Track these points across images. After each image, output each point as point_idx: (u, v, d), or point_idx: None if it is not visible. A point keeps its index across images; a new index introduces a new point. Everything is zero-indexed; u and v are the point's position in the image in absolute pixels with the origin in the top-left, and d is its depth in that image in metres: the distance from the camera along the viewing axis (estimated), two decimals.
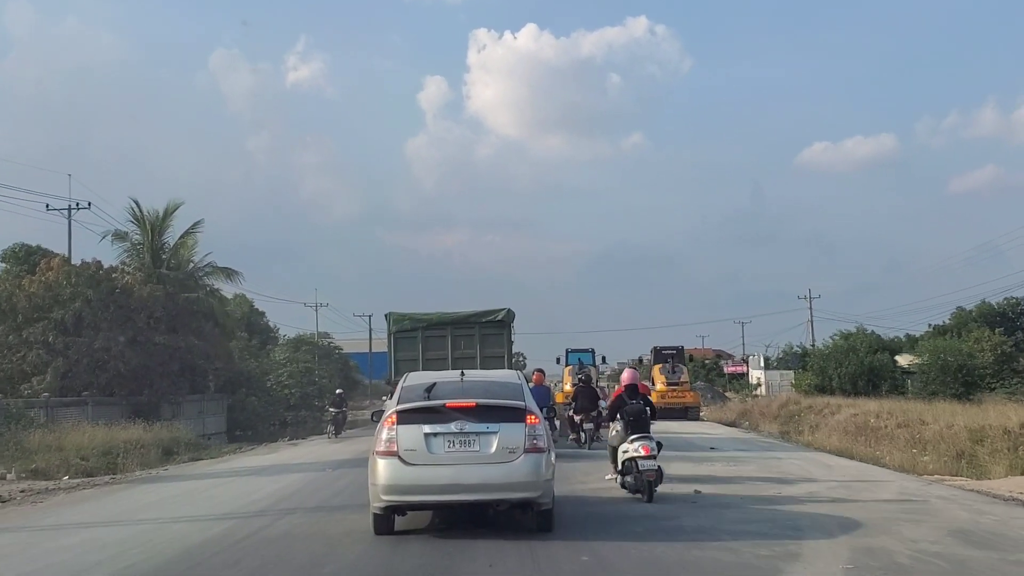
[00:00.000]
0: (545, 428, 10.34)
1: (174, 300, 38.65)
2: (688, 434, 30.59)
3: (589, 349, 40.14)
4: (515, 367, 47.71)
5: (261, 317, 65.43)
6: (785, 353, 67.26)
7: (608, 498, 13.56)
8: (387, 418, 9.95)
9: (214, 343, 40.94)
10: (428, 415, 9.84)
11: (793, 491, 14.41)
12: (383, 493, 9.72)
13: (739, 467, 18.11)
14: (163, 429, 32.27)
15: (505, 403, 10.09)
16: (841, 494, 14.09)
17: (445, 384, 10.65)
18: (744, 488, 14.85)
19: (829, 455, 22.80)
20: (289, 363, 53.39)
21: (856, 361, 50.95)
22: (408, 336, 21.36)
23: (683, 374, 43.43)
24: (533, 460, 9.72)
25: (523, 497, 9.78)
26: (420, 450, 9.63)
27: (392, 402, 10.58)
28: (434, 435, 9.69)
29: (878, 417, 31.77)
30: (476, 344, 21.08)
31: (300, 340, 67.51)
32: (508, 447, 9.67)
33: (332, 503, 13.94)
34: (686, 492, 14.12)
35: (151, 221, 40.94)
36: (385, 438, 9.77)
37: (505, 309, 21.79)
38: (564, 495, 12.69)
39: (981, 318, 71.95)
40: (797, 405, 43.25)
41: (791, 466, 18.39)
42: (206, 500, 15.40)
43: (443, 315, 22.11)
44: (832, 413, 38.39)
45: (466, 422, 9.72)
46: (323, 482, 17.21)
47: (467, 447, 9.69)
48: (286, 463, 22.04)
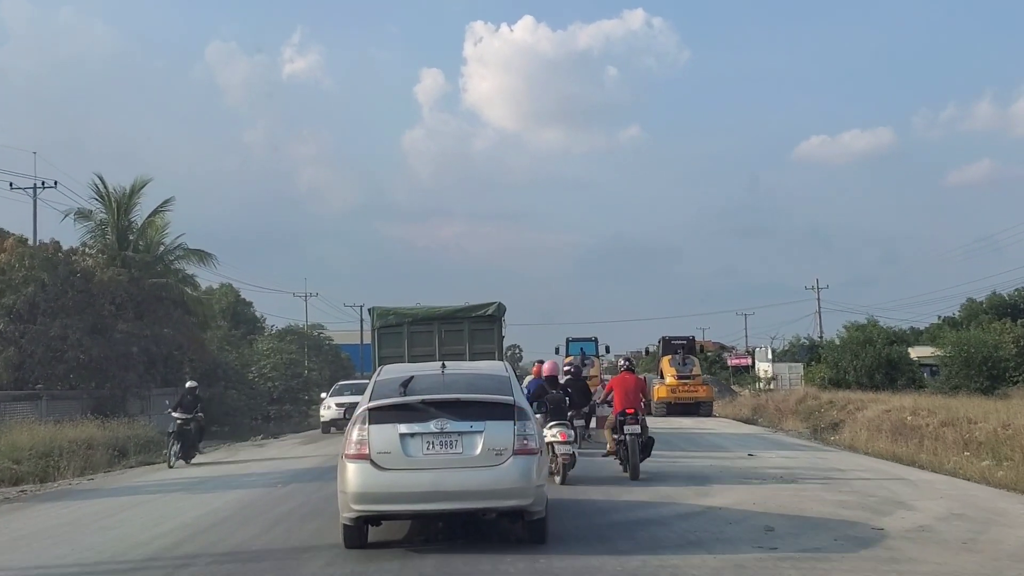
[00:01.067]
0: (537, 427, 8.87)
1: (139, 285, 34.23)
2: (709, 432, 26.48)
3: (592, 338, 35.97)
4: (511, 361, 42.84)
5: (248, 307, 61.03)
6: (792, 345, 63.10)
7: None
8: (357, 417, 8.60)
9: (185, 332, 36.51)
10: (404, 413, 8.49)
11: (899, 526, 10.16)
12: (353, 502, 8.39)
13: (800, 486, 13.83)
14: (123, 426, 28.28)
15: (491, 398, 8.73)
16: (964, 531, 9.85)
17: (424, 378, 9.19)
18: (826, 519, 10.68)
19: (885, 461, 18.65)
20: (273, 354, 48.92)
21: (873, 353, 46.93)
22: (393, 331, 19.71)
23: (695, 366, 39.18)
24: (523, 463, 8.41)
25: (512, 505, 8.51)
26: (395, 453, 8.35)
27: (364, 398, 9.04)
28: (411, 436, 8.40)
29: (915, 414, 27.86)
30: (465, 340, 19.43)
31: (288, 331, 63.21)
32: (495, 448, 8.38)
33: (254, 545, 9.77)
34: (755, 528, 9.89)
35: (117, 199, 36.50)
36: (355, 439, 8.44)
37: (495, 303, 20.01)
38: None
39: (992, 310, 68.27)
40: (817, 400, 38.99)
41: (865, 484, 14.10)
42: (93, 534, 11.17)
43: (430, 310, 20.42)
44: (857, 409, 34.27)
45: (447, 420, 8.41)
46: (263, 505, 13.00)
47: (448, 449, 8.40)
48: (234, 473, 17.91)
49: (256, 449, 24.12)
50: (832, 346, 49.90)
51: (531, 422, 8.73)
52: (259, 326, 60.36)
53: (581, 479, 14.07)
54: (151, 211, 37.39)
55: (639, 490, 13.25)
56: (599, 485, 13.68)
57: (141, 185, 36.87)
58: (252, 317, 60.76)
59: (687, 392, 37.90)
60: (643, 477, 14.34)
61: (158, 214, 37.17)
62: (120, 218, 36.53)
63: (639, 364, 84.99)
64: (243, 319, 58.72)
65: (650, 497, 12.49)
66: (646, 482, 14.07)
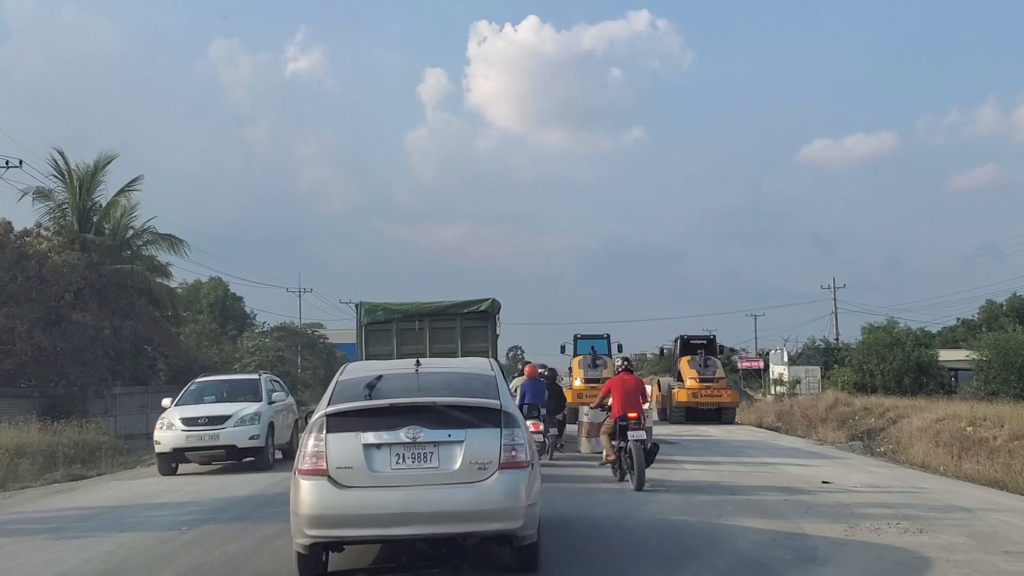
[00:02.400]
0: (528, 436, 7.12)
1: (99, 271, 29.58)
2: (742, 443, 21.86)
3: (604, 335, 31.26)
4: (513, 363, 37.59)
5: (238, 302, 56.38)
6: (807, 347, 58.39)
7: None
8: (313, 424, 6.90)
9: (153, 325, 31.91)
10: (370, 420, 6.85)
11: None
12: (308, 526, 6.70)
13: (934, 538, 9.18)
14: (72, 429, 23.87)
15: (473, 402, 7.05)
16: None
17: (394, 377, 7.57)
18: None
19: (989, 489, 14.17)
20: (258, 352, 44.25)
21: (901, 356, 42.36)
22: (382, 328, 18.04)
23: (718, 368, 34.55)
24: (511, 479, 6.76)
25: (498, 529, 6.84)
26: (358, 467, 6.70)
27: (322, 402, 7.20)
28: (377, 447, 6.77)
29: (974, 425, 23.44)
30: (457, 338, 17.78)
31: (281, 329, 58.64)
32: (477, 461, 6.75)
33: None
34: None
35: (79, 176, 31.89)
36: (310, 452, 6.78)
37: (490, 299, 18.18)
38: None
39: (1013, 312, 63.60)
40: (850, 406, 34.52)
41: (1010, 528, 9.46)
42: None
43: (420, 305, 18.62)
44: (899, 417, 29.74)
45: (421, 428, 6.78)
46: (134, 567, 8.23)
47: (422, 462, 6.77)
48: (139, 503, 13.21)
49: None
50: (856, 348, 45.19)
51: (520, 430, 7.07)
52: (249, 322, 55.65)
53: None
54: (120, 192, 32.68)
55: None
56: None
57: (106, 161, 32.31)
58: (242, 313, 56.09)
59: (710, 396, 33.33)
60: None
61: (124, 193, 32.54)
62: (82, 198, 31.90)
63: (652, 366, 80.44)
64: (232, 314, 54.14)
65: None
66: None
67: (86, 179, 31.99)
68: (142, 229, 33.33)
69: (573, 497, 11.89)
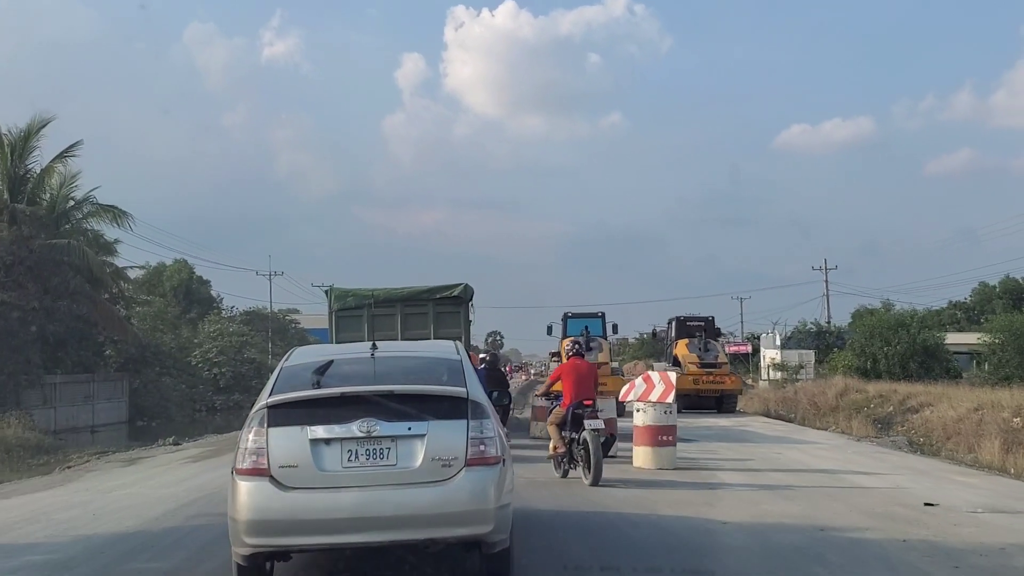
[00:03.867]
0: (498, 428, 6.12)
1: (29, 246, 25.37)
2: (776, 439, 17.98)
3: (598, 314, 27.13)
4: (492, 348, 33.10)
5: (204, 286, 51.98)
6: (798, 331, 54.75)
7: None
8: (253, 417, 5.88)
9: (93, 306, 27.73)
10: (317, 411, 5.83)
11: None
12: (247, 534, 5.66)
13: None
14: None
15: (436, 390, 6.07)
16: None
17: (346, 363, 6.54)
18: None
19: None
20: (220, 336, 40.01)
21: (907, 339, 38.71)
22: (353, 315, 17.13)
23: (719, 352, 30.97)
24: (479, 477, 5.79)
25: (465, 534, 5.84)
26: (304, 466, 5.71)
27: (264, 392, 6.17)
28: (326, 442, 5.78)
29: (1021, 416, 20.05)
30: (430, 323, 16.94)
31: (251, 313, 54.45)
32: (441, 458, 5.77)
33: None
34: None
35: (11, 141, 27.56)
36: (249, 449, 5.76)
37: (462, 284, 17.38)
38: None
39: (1007, 294, 60.54)
40: (862, 393, 30.82)
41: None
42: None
43: (391, 291, 17.63)
44: (922, 405, 26.17)
45: (376, 421, 5.78)
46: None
47: (378, 459, 5.78)
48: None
49: (119, 471, 15.21)
50: (859, 331, 41.57)
51: (490, 421, 5.94)
52: (215, 307, 51.33)
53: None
54: (57, 159, 28.32)
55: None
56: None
57: (40, 125, 28.01)
58: (208, 297, 51.76)
59: (711, 383, 29.81)
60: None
61: (62, 160, 28.21)
62: (13, 164, 27.58)
63: (634, 350, 76.62)
64: (197, 298, 49.79)
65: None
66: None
67: (18, 144, 27.68)
68: (83, 200, 28.97)
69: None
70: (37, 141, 28.02)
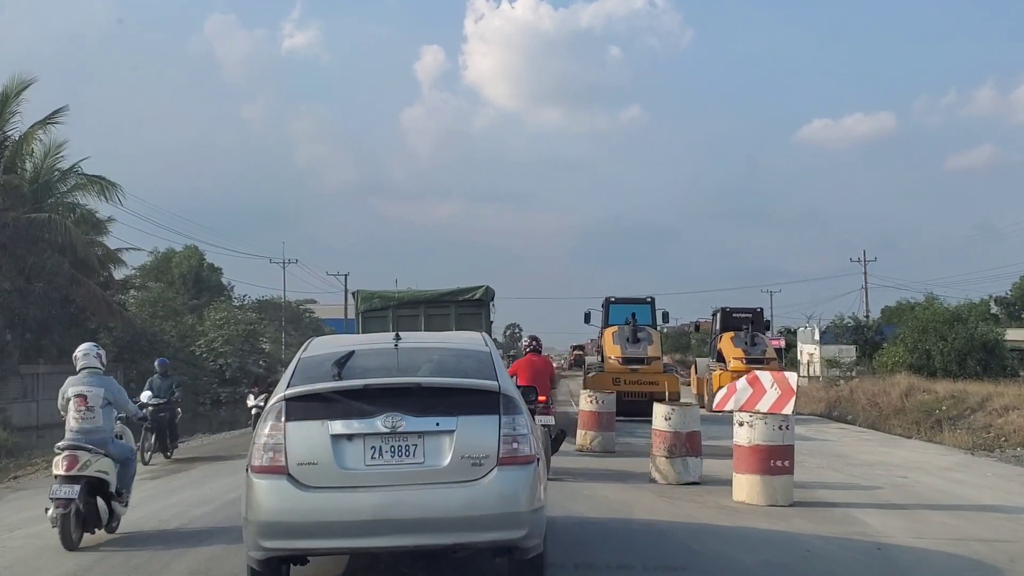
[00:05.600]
0: (532, 425, 5.64)
1: (1, 219, 21.86)
2: (882, 457, 14.20)
3: (646, 299, 23.27)
4: (510, 342, 31.92)
5: (215, 273, 48.47)
6: (835, 325, 50.76)
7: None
8: (270, 410, 5.37)
9: (77, 288, 24.20)
10: (339, 405, 5.28)
11: None
12: (263, 536, 5.19)
13: None
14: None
15: (466, 383, 5.53)
16: None
17: (369, 354, 6.01)
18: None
19: None
20: (227, 325, 36.50)
21: (964, 334, 34.76)
22: (378, 316, 16.98)
23: (767, 347, 27.20)
24: (512, 477, 5.25)
25: (496, 539, 5.28)
26: (325, 464, 5.20)
27: (281, 384, 5.63)
28: (348, 438, 5.25)
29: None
30: (452, 324, 16.35)
31: (264, 302, 51.01)
32: (471, 456, 5.23)
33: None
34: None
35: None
36: (266, 445, 5.25)
37: (483, 287, 17.15)
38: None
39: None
40: (929, 394, 26.79)
41: None
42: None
43: (415, 293, 18.20)
44: (1007, 409, 22.27)
45: (402, 416, 5.23)
46: None
47: (403, 457, 5.25)
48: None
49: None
50: (911, 325, 37.63)
51: (523, 417, 5.42)
52: (226, 295, 47.80)
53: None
54: (39, 125, 24.74)
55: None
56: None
57: (20, 88, 24.36)
58: (219, 284, 48.26)
59: None
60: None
61: (45, 126, 24.63)
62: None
63: (668, 341, 72.32)
64: (207, 286, 46.26)
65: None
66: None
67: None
68: (68, 171, 25.42)
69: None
70: (17, 105, 24.49)
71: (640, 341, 20.65)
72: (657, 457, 10.37)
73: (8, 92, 24.25)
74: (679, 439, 10.21)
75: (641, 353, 20.39)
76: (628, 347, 20.61)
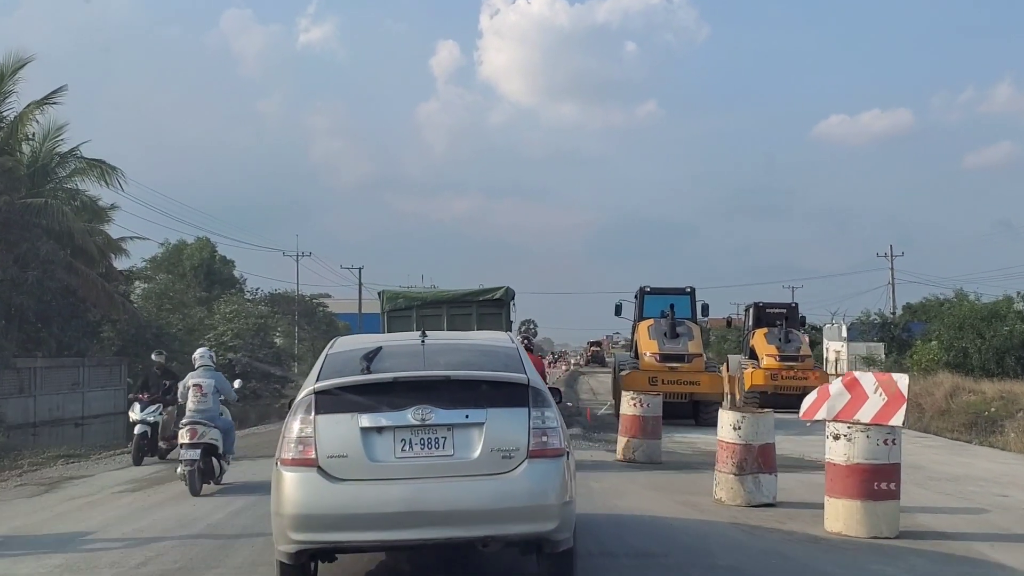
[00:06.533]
0: (561, 418, 5.50)
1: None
2: (965, 468, 12.37)
3: (686, 289, 21.12)
4: (526, 336, 30.62)
5: (227, 265, 46.80)
6: (860, 322, 48.78)
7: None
8: (299, 404, 5.31)
9: (74, 277, 22.63)
10: (368, 398, 5.22)
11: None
12: (293, 529, 5.11)
13: None
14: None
15: (495, 376, 5.43)
16: None
17: (396, 349, 5.91)
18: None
19: None
20: (237, 318, 34.86)
21: (1003, 332, 32.86)
22: (403, 315, 17.03)
23: (802, 344, 25.43)
24: (543, 470, 5.16)
25: (526, 532, 5.19)
26: (355, 456, 5.12)
27: (310, 378, 5.55)
28: (378, 431, 5.17)
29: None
30: (473, 323, 16.52)
31: (277, 295, 49.32)
32: (501, 449, 5.15)
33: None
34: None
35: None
36: (295, 438, 5.19)
37: (504, 287, 17.07)
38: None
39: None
40: (976, 395, 24.94)
41: None
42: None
43: (438, 293, 18.59)
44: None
45: (432, 408, 5.16)
46: None
47: (433, 450, 5.16)
48: None
49: (20, 502, 9.96)
50: (946, 322, 35.76)
51: (552, 410, 5.36)
52: (239, 288, 46.16)
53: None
54: (35, 105, 23.16)
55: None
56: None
57: (17, 66, 22.82)
58: (231, 278, 46.62)
59: (793, 379, 24.36)
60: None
61: (42, 107, 23.05)
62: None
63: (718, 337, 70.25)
64: (219, 279, 44.60)
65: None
66: None
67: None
68: (67, 154, 23.84)
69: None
70: (13, 84, 22.93)
71: (679, 336, 18.72)
72: (723, 474, 8.63)
73: (3, 70, 22.70)
74: (750, 453, 8.47)
75: (681, 349, 18.48)
76: (666, 342, 18.65)
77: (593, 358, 64.30)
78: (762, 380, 24.74)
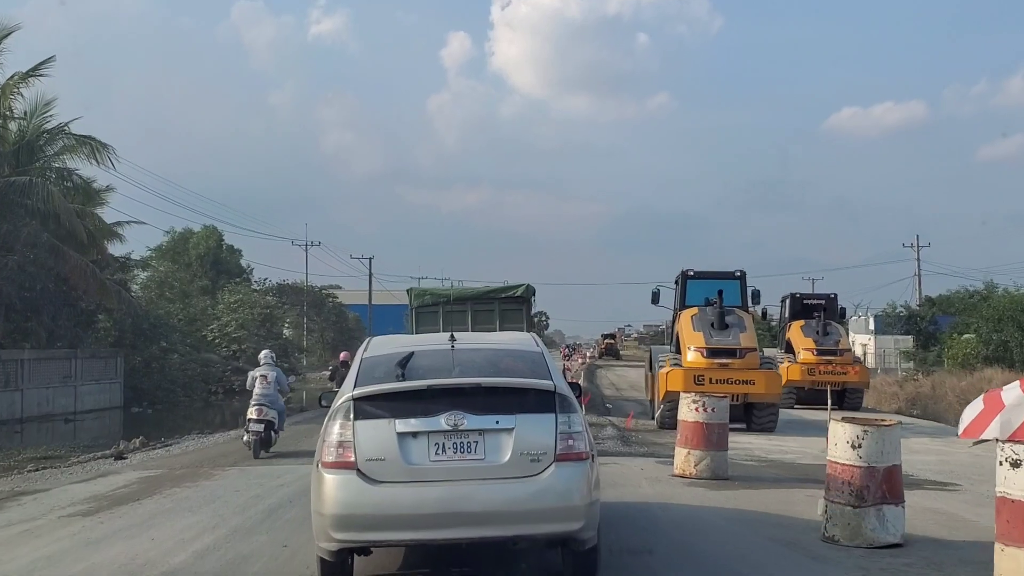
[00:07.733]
0: (586, 423, 5.71)
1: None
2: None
3: (735, 274, 18.01)
4: (538, 328, 27.66)
5: (234, 254, 44.84)
6: (886, 314, 46.63)
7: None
8: (338, 409, 5.44)
9: (63, 262, 20.66)
10: (403, 404, 5.37)
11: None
12: (334, 528, 5.27)
13: None
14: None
15: (524, 383, 5.59)
16: None
17: (427, 354, 5.97)
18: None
19: None
20: (242, 308, 32.86)
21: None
22: (430, 311, 17.51)
23: (840, 337, 23.43)
24: (569, 472, 5.31)
25: (553, 531, 5.37)
26: (392, 460, 5.26)
27: (347, 383, 5.69)
28: (413, 435, 5.30)
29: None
30: (495, 319, 17.10)
31: (287, 286, 47.40)
32: (530, 452, 5.31)
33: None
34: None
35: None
36: (335, 441, 5.33)
37: (524, 285, 17.69)
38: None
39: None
40: None
41: None
42: None
43: (462, 291, 19.59)
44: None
45: (464, 414, 5.31)
46: None
47: (465, 453, 5.31)
48: None
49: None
50: (987, 314, 33.75)
51: (577, 415, 5.51)
52: (245, 277, 44.21)
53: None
54: (19, 78, 21.14)
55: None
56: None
57: (2, 35, 20.81)
58: (238, 267, 44.66)
59: (831, 374, 22.58)
60: None
61: (27, 79, 21.05)
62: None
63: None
64: (226, 268, 42.68)
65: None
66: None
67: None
68: (55, 131, 21.82)
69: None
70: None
71: (729, 327, 16.00)
72: (838, 505, 6.52)
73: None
74: (874, 478, 6.38)
75: (732, 343, 15.77)
76: (713, 335, 15.99)
77: (607, 351, 62.19)
78: (798, 375, 22.82)
